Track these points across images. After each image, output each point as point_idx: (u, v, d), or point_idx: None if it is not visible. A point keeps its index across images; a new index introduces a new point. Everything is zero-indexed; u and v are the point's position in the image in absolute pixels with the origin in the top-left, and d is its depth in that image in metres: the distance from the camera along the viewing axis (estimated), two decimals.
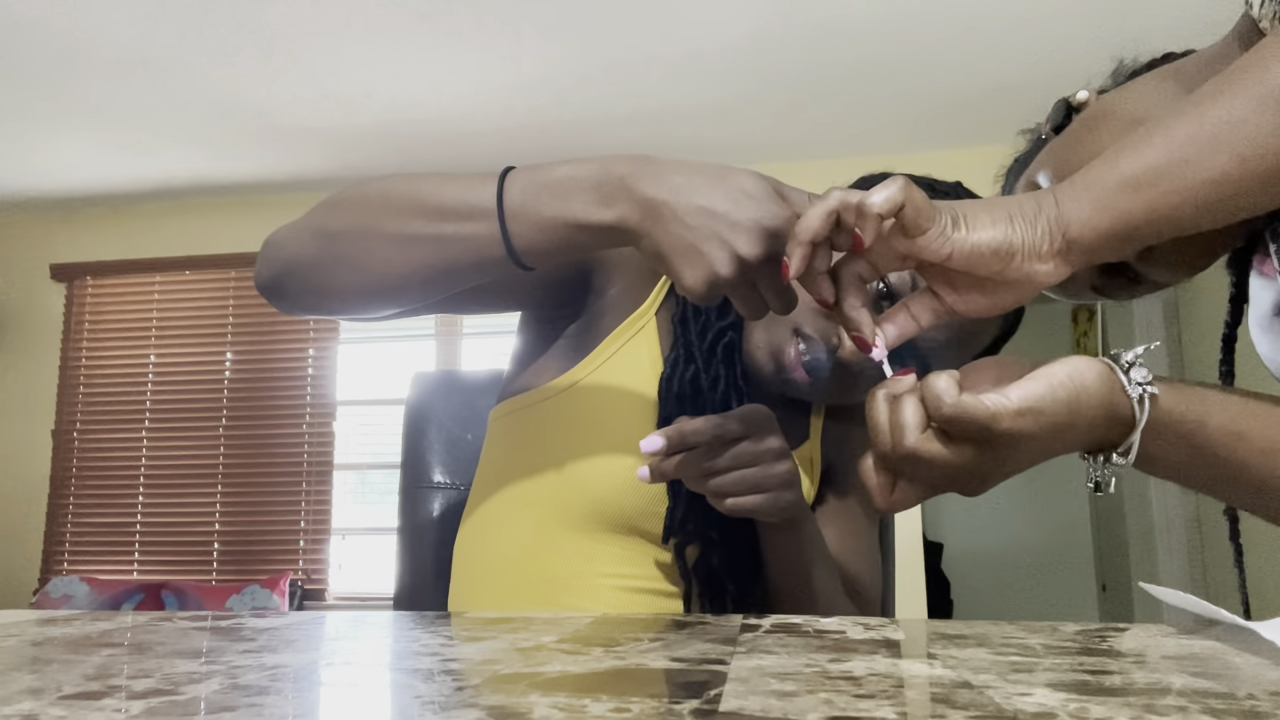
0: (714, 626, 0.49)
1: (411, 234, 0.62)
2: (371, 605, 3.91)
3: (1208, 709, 0.29)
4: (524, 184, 0.60)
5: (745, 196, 0.55)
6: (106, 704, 0.29)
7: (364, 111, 3.37)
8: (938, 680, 0.33)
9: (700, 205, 0.55)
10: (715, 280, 0.55)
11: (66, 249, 4.35)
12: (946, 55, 3.01)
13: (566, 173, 0.59)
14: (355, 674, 0.35)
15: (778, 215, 0.55)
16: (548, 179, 0.60)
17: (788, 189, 0.58)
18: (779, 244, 0.55)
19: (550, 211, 0.59)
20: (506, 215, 0.59)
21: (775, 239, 0.55)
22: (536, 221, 0.59)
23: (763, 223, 0.55)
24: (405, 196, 0.63)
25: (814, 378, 0.76)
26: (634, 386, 0.80)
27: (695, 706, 0.29)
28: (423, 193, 0.63)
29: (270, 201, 4.23)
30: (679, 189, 0.56)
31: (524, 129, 3.54)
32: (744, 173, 0.57)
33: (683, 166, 0.57)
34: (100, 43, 2.87)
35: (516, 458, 0.81)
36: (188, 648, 0.41)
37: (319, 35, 2.86)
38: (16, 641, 0.43)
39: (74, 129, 3.48)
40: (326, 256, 0.65)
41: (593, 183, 0.58)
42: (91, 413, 4.22)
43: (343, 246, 0.65)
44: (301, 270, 0.67)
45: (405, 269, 0.63)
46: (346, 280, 0.66)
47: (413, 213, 0.62)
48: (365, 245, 0.64)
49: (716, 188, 0.55)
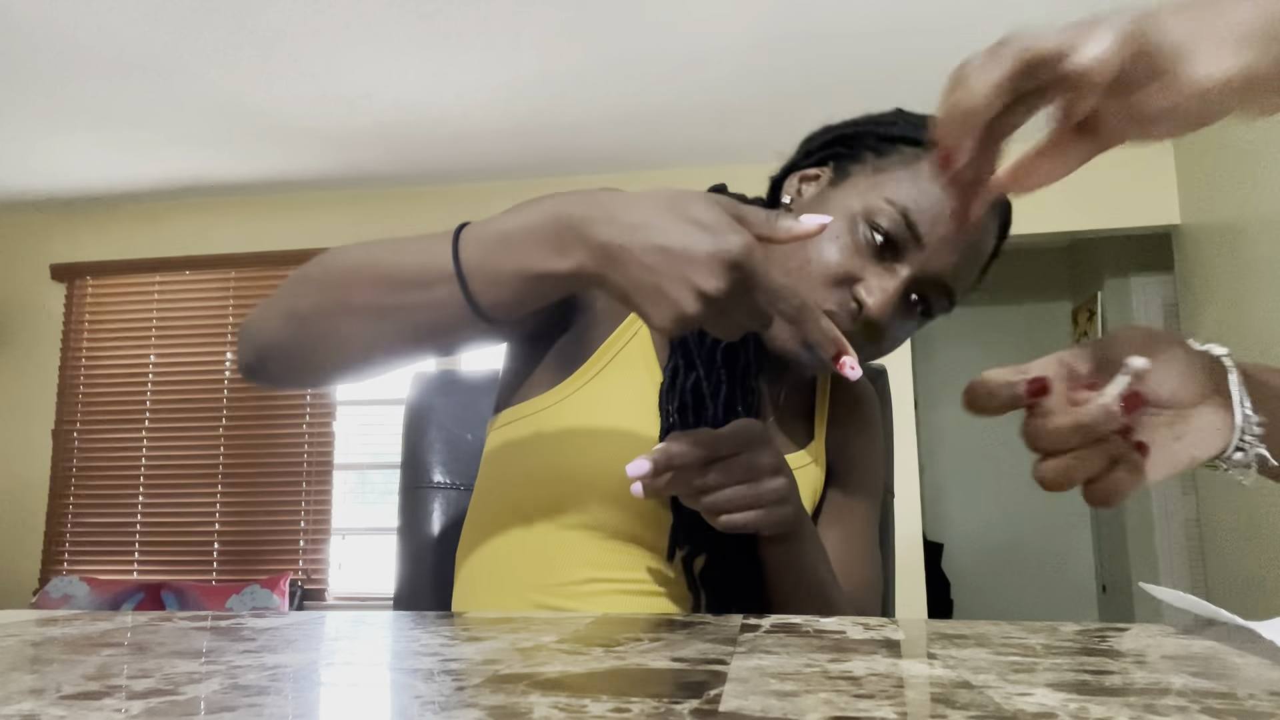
0: (714, 626, 0.49)
1: (378, 308, 0.62)
2: (371, 605, 3.91)
3: (1208, 709, 0.29)
4: (478, 241, 0.59)
5: (702, 229, 0.54)
6: (106, 704, 0.29)
7: (364, 111, 3.37)
8: (938, 680, 0.33)
9: (657, 245, 0.54)
10: (683, 319, 0.54)
11: (66, 249, 4.35)
12: (947, 57, 3.01)
13: (519, 223, 0.58)
14: (355, 674, 0.35)
15: (736, 244, 0.53)
16: (501, 232, 0.59)
17: (745, 210, 0.57)
18: (743, 271, 0.54)
19: (509, 266, 0.58)
20: (466, 276, 0.59)
21: (738, 268, 0.54)
22: (496, 278, 0.58)
23: (722, 255, 0.53)
24: (365, 270, 0.63)
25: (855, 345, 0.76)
26: (631, 394, 0.79)
27: (695, 706, 0.29)
28: (381, 264, 0.62)
29: (270, 201, 4.23)
30: (633, 229, 0.55)
31: (524, 129, 3.54)
32: (698, 200, 0.55)
33: (634, 203, 0.56)
34: (100, 43, 2.87)
35: (516, 469, 0.80)
36: (188, 648, 0.41)
37: (319, 35, 2.86)
38: (16, 641, 0.43)
39: (74, 129, 3.48)
40: (301, 338, 0.65)
41: (546, 232, 0.57)
42: (91, 413, 4.22)
43: (314, 327, 0.65)
44: (279, 354, 0.67)
45: (379, 343, 0.63)
46: (324, 360, 0.66)
47: (375, 287, 0.62)
48: (335, 325, 0.64)
49: (671, 224, 0.54)
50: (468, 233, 0.60)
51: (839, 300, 0.75)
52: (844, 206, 0.77)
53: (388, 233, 4.42)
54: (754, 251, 0.54)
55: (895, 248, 0.75)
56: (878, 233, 0.75)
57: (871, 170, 0.78)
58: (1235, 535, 3.14)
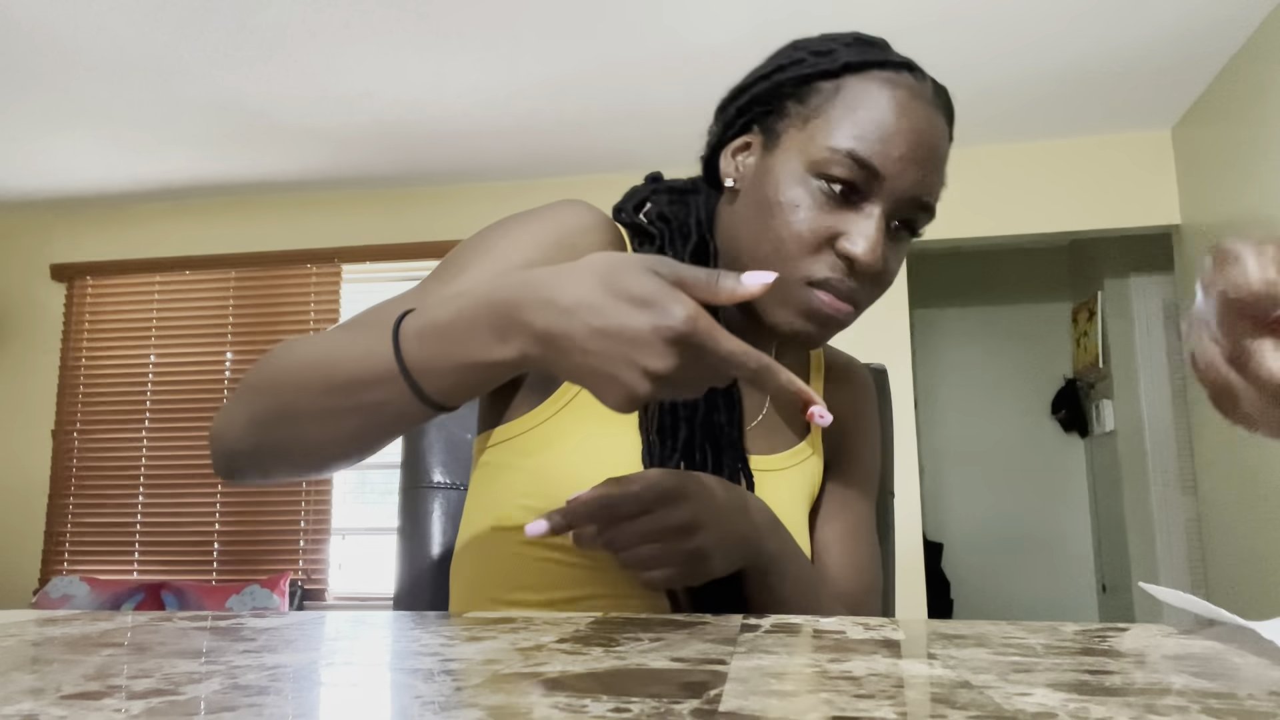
0: (714, 626, 0.49)
1: (333, 412, 0.61)
2: (371, 605, 3.91)
3: (1208, 709, 0.29)
4: (418, 336, 0.58)
5: (640, 306, 0.51)
6: (106, 704, 0.29)
7: (364, 111, 3.37)
8: (938, 680, 0.33)
9: (596, 328, 0.51)
10: (635, 400, 0.52)
11: (66, 249, 4.35)
12: (946, 57, 3.01)
13: (456, 313, 0.57)
14: (355, 674, 0.35)
15: (679, 318, 0.50)
16: (440, 324, 0.57)
17: (685, 272, 0.53)
18: (691, 343, 0.51)
19: (453, 360, 0.57)
20: (411, 373, 0.58)
21: (684, 341, 0.51)
22: (442, 373, 0.57)
23: (665, 333, 0.50)
24: (311, 374, 0.62)
25: (854, 302, 0.74)
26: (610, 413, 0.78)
27: (695, 706, 0.29)
28: (326, 367, 0.61)
29: (270, 201, 4.23)
30: (569, 313, 0.52)
31: (524, 129, 3.54)
32: (632, 272, 0.52)
33: (568, 282, 0.53)
34: (100, 43, 2.87)
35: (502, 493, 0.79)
36: (188, 648, 0.41)
37: (319, 35, 2.86)
38: (16, 641, 0.43)
39: (74, 129, 3.48)
40: (265, 445, 0.65)
41: (484, 322, 0.55)
42: (91, 413, 4.22)
43: (275, 433, 0.64)
44: (248, 460, 0.67)
45: (339, 442, 0.63)
46: (293, 461, 0.66)
47: (325, 394, 0.61)
48: (294, 430, 0.63)
49: (608, 303, 0.51)
50: (408, 326, 0.59)
51: (828, 264, 0.73)
52: (790, 171, 0.74)
53: (388, 233, 4.39)
54: (698, 321, 0.51)
55: (858, 189, 0.73)
56: (835, 183, 0.72)
57: (800, 121, 0.75)
58: (1235, 535, 3.14)
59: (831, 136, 0.73)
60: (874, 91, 0.74)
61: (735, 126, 0.81)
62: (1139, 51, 3.00)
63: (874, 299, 0.77)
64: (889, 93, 0.73)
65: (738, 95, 0.81)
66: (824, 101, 0.74)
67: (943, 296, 5.31)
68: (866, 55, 0.75)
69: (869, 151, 0.72)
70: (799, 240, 0.73)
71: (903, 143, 0.72)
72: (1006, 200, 3.69)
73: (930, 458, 5.17)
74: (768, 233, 0.74)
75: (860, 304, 0.75)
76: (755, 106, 0.79)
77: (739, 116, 0.81)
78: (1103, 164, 3.62)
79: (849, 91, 0.74)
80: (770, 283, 0.53)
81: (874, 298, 0.77)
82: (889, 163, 0.72)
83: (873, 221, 0.72)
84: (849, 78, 0.75)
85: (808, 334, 0.75)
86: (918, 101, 0.74)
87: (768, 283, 0.53)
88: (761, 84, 0.79)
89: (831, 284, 0.73)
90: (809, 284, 0.74)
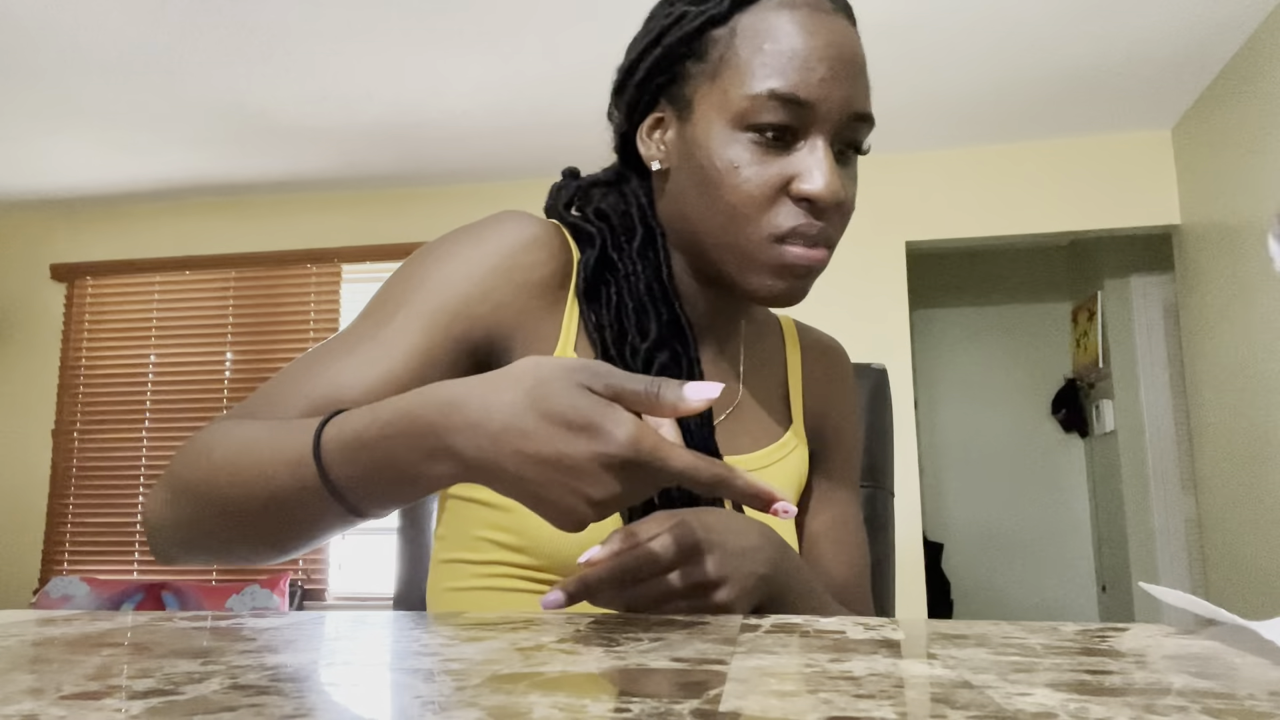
0: (714, 626, 0.49)
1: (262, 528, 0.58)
2: (371, 605, 3.91)
3: (1208, 709, 0.29)
4: (341, 451, 0.54)
5: (574, 431, 0.47)
6: (106, 704, 0.29)
7: (364, 111, 3.37)
8: (938, 680, 0.33)
9: (529, 456, 0.48)
10: (584, 524, 0.49)
11: (66, 249, 4.35)
12: (946, 57, 3.01)
13: (380, 430, 0.52)
14: (355, 674, 0.35)
15: (619, 443, 0.47)
16: (365, 440, 0.53)
17: (621, 384, 0.49)
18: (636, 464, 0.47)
19: (384, 481, 0.53)
20: (342, 493, 0.55)
21: (628, 465, 0.47)
22: (374, 494, 0.54)
23: (606, 460, 0.47)
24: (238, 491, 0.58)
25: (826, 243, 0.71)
26: None
27: (695, 706, 0.29)
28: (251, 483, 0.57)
29: (270, 201, 4.23)
30: (499, 440, 0.48)
31: (524, 129, 3.54)
32: (563, 390, 0.48)
33: (494, 404, 0.49)
34: (100, 43, 2.87)
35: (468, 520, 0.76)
36: (188, 648, 0.41)
37: (319, 35, 2.86)
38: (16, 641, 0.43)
39: (74, 129, 3.48)
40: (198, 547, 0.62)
41: (408, 442, 0.51)
42: (91, 412, 4.22)
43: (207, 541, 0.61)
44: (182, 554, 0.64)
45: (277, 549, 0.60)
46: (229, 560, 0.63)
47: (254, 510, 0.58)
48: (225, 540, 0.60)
49: (539, 428, 0.47)
50: (330, 439, 0.55)
51: (789, 213, 0.69)
52: (715, 133, 0.70)
53: (388, 233, 4.39)
54: (641, 443, 0.47)
55: (792, 127, 0.68)
56: (766, 130, 0.68)
57: (707, 79, 0.71)
58: (1235, 535, 3.14)
59: (746, 83, 0.68)
60: (772, 20, 0.69)
61: (640, 105, 0.76)
62: (1139, 51, 3.00)
63: (843, 231, 0.73)
64: (788, 16, 0.69)
65: (631, 72, 0.76)
66: (724, 49, 0.70)
67: (943, 296, 5.31)
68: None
69: (791, 85, 0.67)
70: (751, 200, 0.69)
71: (821, 63, 0.68)
72: (1006, 200, 3.69)
73: (930, 458, 5.17)
74: (716, 203, 0.70)
75: (832, 242, 0.72)
76: (654, 79, 0.74)
77: (640, 94, 0.76)
78: (1103, 164, 3.62)
79: (745, 30, 0.69)
80: (714, 396, 0.48)
81: (842, 231, 0.73)
82: (814, 89, 0.68)
83: (819, 154, 0.68)
84: (740, 16, 0.70)
85: (787, 292, 0.71)
86: (819, 14, 0.69)
87: (712, 397, 0.48)
88: (652, 53, 0.73)
89: (799, 231, 0.69)
90: (776, 240, 0.69)
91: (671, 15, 0.73)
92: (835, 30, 0.69)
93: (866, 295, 3.72)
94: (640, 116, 0.77)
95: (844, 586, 0.84)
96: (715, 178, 0.69)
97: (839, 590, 0.84)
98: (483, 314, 0.71)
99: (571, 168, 0.85)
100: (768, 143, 0.68)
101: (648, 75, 0.74)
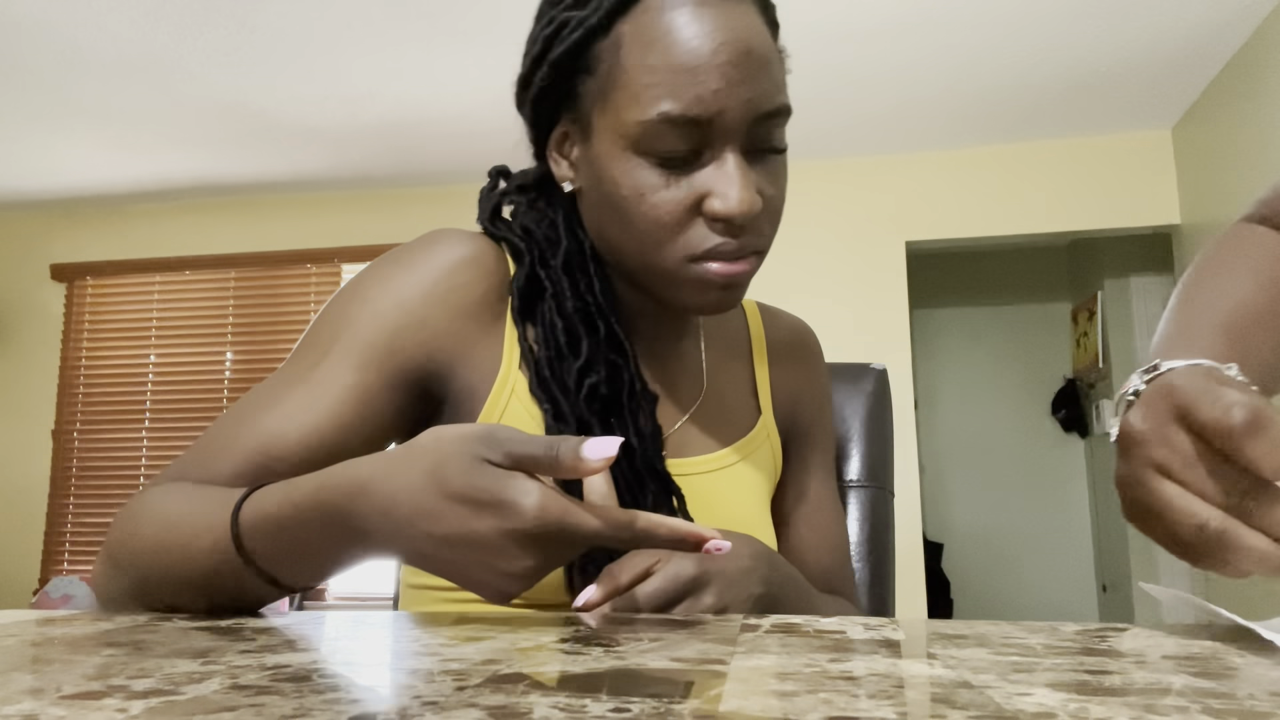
0: (714, 626, 0.49)
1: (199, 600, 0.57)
2: (371, 605, 3.91)
3: (1208, 709, 0.29)
4: (262, 540, 0.53)
5: (478, 509, 0.46)
6: (106, 704, 0.29)
7: (364, 111, 3.37)
8: (938, 680, 0.33)
9: (440, 538, 0.47)
10: (510, 596, 0.48)
11: (66, 249, 4.35)
12: (946, 57, 3.01)
13: (292, 517, 0.52)
14: (355, 674, 0.35)
15: (526, 515, 0.45)
16: (280, 527, 0.52)
17: (522, 450, 0.47)
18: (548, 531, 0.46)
19: (304, 560, 0.53)
20: (266, 571, 0.54)
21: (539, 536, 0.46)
22: (298, 572, 0.54)
23: (514, 536, 0.46)
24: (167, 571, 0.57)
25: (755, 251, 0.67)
26: None
27: (695, 706, 0.29)
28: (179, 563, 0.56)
29: (270, 201, 4.23)
30: (409, 524, 0.47)
31: (524, 129, 3.53)
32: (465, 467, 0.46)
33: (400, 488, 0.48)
34: (100, 43, 2.88)
35: None
36: (188, 648, 0.41)
37: (319, 35, 2.86)
38: (16, 641, 0.43)
39: (74, 129, 3.48)
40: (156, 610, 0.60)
41: (320, 529, 0.51)
42: (91, 413, 4.22)
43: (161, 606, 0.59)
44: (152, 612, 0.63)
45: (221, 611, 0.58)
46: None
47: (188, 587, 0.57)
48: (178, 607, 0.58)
49: (442, 508, 0.46)
50: (247, 519, 0.53)
51: (704, 234, 0.64)
52: (614, 158, 0.65)
53: (388, 233, 4.39)
54: (547, 512, 0.45)
55: (696, 149, 0.63)
56: (673, 156, 0.63)
57: (600, 98, 0.66)
58: None
59: (636, 107, 0.63)
60: (656, 26, 0.63)
61: (542, 121, 0.72)
62: (1139, 51, 3.00)
63: (773, 233, 0.69)
64: (671, 18, 0.62)
65: (525, 87, 0.71)
66: (610, 64, 0.64)
67: (943, 296, 5.31)
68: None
69: (683, 105, 0.61)
70: (662, 226, 0.64)
71: (716, 71, 0.62)
72: (1006, 200, 3.69)
73: (930, 458, 5.17)
74: (629, 229, 0.66)
75: (761, 249, 0.68)
76: (548, 98, 0.70)
77: (537, 113, 0.72)
78: (1103, 164, 3.62)
79: (630, 40, 0.63)
80: (613, 454, 0.46)
81: (773, 233, 0.69)
82: (710, 103, 0.62)
83: (728, 167, 0.63)
84: (621, 25, 0.64)
85: (716, 304, 0.68)
86: (708, 7, 0.63)
87: (611, 455, 0.46)
88: (541, 72, 0.69)
89: (718, 251, 0.65)
90: (694, 260, 0.65)
91: (552, 24, 0.68)
92: (728, 25, 0.62)
93: (866, 295, 3.72)
94: (545, 132, 0.73)
95: (828, 571, 0.83)
96: (623, 204, 0.65)
97: (823, 575, 0.82)
98: (418, 343, 0.69)
99: (500, 166, 0.81)
100: (671, 161, 0.64)
101: (541, 94, 0.70)
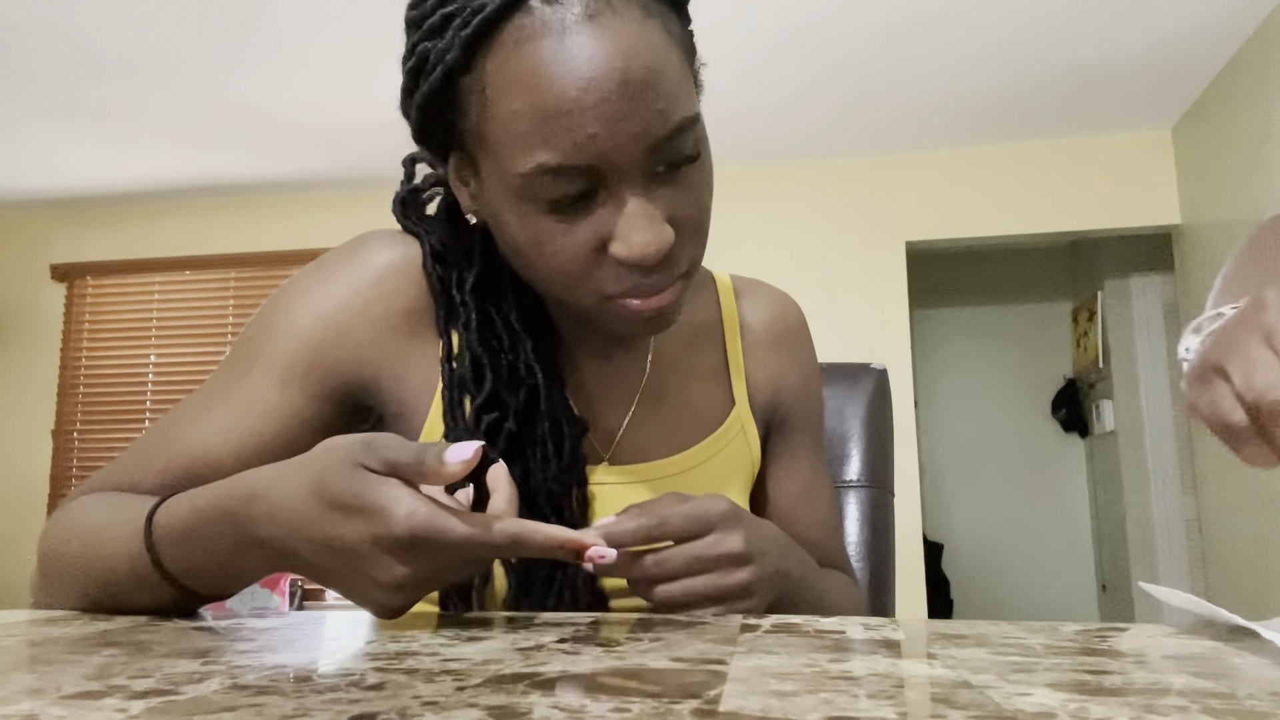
0: (714, 626, 0.49)
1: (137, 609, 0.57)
2: None
3: (1208, 709, 0.29)
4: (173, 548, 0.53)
5: (351, 516, 0.46)
6: (106, 704, 0.29)
7: (364, 111, 3.37)
8: (938, 680, 0.33)
9: (317, 543, 0.47)
10: (392, 609, 0.48)
11: (66, 249, 4.35)
12: (946, 57, 3.01)
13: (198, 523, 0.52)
14: (355, 674, 0.35)
15: (395, 521, 0.45)
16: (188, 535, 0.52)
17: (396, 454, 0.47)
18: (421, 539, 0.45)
19: (212, 568, 0.53)
20: (180, 582, 0.54)
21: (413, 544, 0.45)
22: (208, 581, 0.54)
23: (384, 542, 0.45)
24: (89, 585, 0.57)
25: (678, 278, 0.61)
26: None
27: (695, 706, 0.29)
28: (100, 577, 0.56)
29: (270, 201, 4.23)
30: (292, 529, 0.47)
31: None
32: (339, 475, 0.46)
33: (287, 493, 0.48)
34: (100, 43, 2.87)
35: None
36: (188, 648, 0.41)
37: (319, 35, 2.86)
38: (16, 641, 0.43)
39: (74, 129, 3.48)
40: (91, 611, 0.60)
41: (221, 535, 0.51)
42: (91, 413, 4.22)
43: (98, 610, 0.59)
44: None
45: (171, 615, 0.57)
46: None
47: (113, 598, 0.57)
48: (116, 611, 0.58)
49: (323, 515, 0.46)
50: (159, 526, 0.54)
51: (614, 276, 0.59)
52: (505, 207, 0.60)
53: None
54: (414, 518, 0.45)
55: (592, 191, 0.57)
56: (565, 201, 0.57)
57: (478, 142, 0.59)
58: (1235, 535, 3.14)
59: (511, 158, 0.56)
60: (518, 64, 0.55)
61: (437, 158, 0.67)
62: (1139, 52, 2.99)
63: (701, 248, 0.62)
64: (533, 51, 0.54)
65: (408, 119, 0.65)
66: (479, 107, 0.57)
67: (943, 296, 5.31)
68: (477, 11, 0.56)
69: (562, 154, 0.55)
70: (568, 272, 0.59)
71: (590, 113, 0.54)
72: (1006, 200, 3.69)
73: (930, 458, 5.17)
74: (537, 272, 0.61)
75: (688, 273, 0.62)
76: (436, 132, 0.63)
77: (428, 147, 0.66)
78: (1103, 164, 3.62)
79: (494, 79, 0.56)
80: (470, 457, 0.46)
81: (700, 248, 0.62)
82: (590, 149, 0.54)
83: (626, 208, 0.57)
84: (483, 59, 0.56)
85: (647, 330, 0.63)
86: (577, 33, 0.54)
87: (468, 459, 0.46)
88: (412, 106, 0.63)
89: (635, 290, 0.59)
90: (610, 299, 0.60)
91: (415, 56, 0.61)
92: (599, 53, 0.54)
93: (866, 295, 3.72)
94: (440, 170, 0.69)
95: (825, 555, 0.81)
96: (524, 252, 0.60)
97: (817, 551, 0.80)
98: (339, 359, 0.66)
99: (413, 154, 0.74)
100: (568, 209, 0.57)
101: (422, 132, 0.64)
